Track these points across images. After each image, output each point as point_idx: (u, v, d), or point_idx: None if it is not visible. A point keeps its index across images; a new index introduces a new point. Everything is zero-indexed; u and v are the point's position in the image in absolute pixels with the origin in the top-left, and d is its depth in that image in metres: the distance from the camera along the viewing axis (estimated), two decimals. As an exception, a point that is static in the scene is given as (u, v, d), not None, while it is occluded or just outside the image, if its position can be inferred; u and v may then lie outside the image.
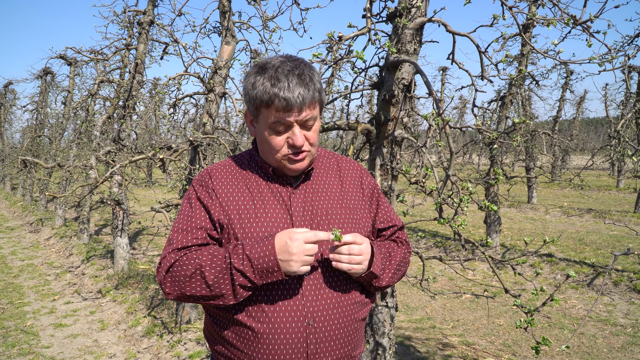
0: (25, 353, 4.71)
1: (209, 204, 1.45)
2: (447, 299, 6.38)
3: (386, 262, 1.52)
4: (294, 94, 1.33)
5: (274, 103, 1.34)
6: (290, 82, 1.34)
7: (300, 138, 1.39)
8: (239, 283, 1.33)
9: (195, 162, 4.63)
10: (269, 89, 1.34)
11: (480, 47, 2.40)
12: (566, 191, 18.07)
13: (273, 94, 1.33)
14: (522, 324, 2.11)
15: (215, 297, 1.35)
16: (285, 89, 1.33)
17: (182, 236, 1.43)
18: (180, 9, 5.41)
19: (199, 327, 4.95)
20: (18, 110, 20.42)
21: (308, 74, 1.38)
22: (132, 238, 10.24)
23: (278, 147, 1.41)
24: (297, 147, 1.39)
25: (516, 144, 4.15)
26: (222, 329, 1.44)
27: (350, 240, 1.38)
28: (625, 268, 6.84)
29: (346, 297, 1.44)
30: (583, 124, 33.75)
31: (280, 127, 1.38)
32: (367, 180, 1.63)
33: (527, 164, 13.73)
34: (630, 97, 11.37)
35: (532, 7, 6.05)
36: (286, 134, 1.40)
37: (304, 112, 1.37)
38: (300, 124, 1.39)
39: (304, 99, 1.34)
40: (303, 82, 1.35)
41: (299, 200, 1.47)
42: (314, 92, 1.38)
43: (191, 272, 1.35)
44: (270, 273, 1.32)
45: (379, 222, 1.62)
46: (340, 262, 1.38)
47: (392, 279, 1.53)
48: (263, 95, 1.35)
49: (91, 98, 9.77)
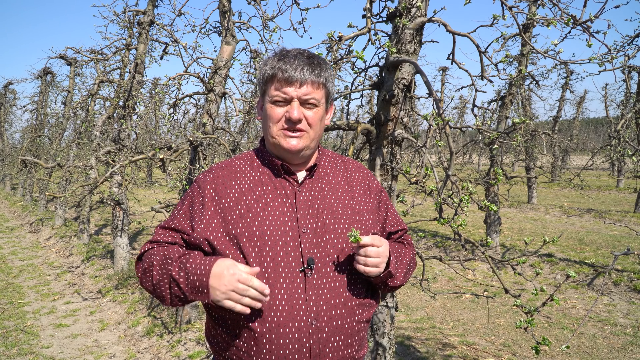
0: (25, 353, 4.71)
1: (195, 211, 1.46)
2: (447, 299, 6.38)
3: (399, 262, 1.53)
4: (296, 67, 1.40)
5: (276, 75, 1.41)
6: (297, 60, 1.41)
7: (297, 112, 1.41)
8: (174, 292, 1.35)
9: (195, 162, 4.63)
10: (275, 63, 1.43)
11: (480, 47, 2.40)
12: (566, 191, 18.07)
13: (277, 67, 1.41)
14: (522, 324, 2.11)
15: (158, 297, 1.39)
16: (290, 63, 1.41)
17: (162, 232, 1.49)
18: (180, 9, 5.41)
19: (199, 327, 4.95)
20: (18, 110, 20.42)
21: (318, 60, 1.45)
22: (132, 238, 10.24)
23: (276, 119, 1.43)
24: (293, 120, 1.41)
25: (516, 144, 4.15)
26: (223, 329, 1.43)
27: (369, 243, 1.37)
28: (625, 268, 6.84)
29: (350, 297, 1.43)
30: (583, 124, 33.74)
31: (280, 100, 1.42)
32: (374, 183, 1.64)
33: (527, 164, 13.73)
34: (630, 97, 11.37)
35: (532, 7, 6.05)
36: (285, 108, 1.43)
37: (304, 88, 1.41)
38: (301, 102, 1.42)
39: (305, 75, 1.40)
40: (309, 62, 1.42)
41: (305, 198, 1.46)
42: (319, 76, 1.43)
43: (145, 267, 1.42)
44: (200, 293, 1.31)
45: (390, 226, 1.63)
46: (358, 264, 1.39)
47: (404, 279, 1.55)
48: (270, 70, 1.43)
49: (91, 98, 9.77)
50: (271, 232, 1.39)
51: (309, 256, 1.39)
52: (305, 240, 1.40)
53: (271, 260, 1.37)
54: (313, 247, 1.40)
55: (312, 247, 1.40)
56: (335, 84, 5.50)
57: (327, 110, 1.53)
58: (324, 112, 1.49)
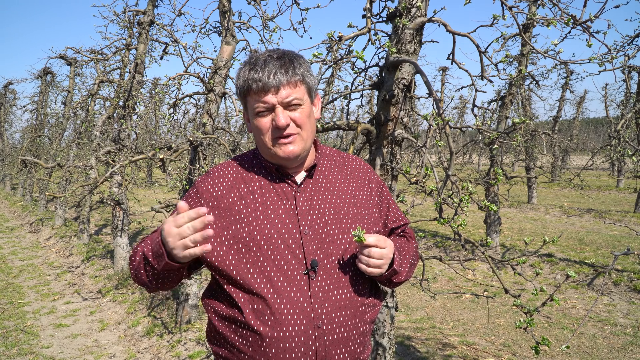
0: (25, 353, 4.71)
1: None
2: (447, 299, 6.38)
3: (402, 257, 1.52)
4: (269, 74, 1.35)
5: (251, 87, 1.37)
6: (266, 65, 1.36)
7: (283, 118, 1.37)
8: (147, 270, 1.36)
9: (195, 162, 4.63)
10: (247, 75, 1.38)
11: (480, 47, 2.40)
12: (566, 191, 18.07)
13: (250, 79, 1.36)
14: (522, 324, 2.11)
15: (141, 283, 1.41)
16: (260, 70, 1.35)
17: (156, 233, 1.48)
18: (180, 9, 5.41)
19: (199, 327, 4.95)
20: (18, 110, 20.43)
21: (289, 57, 1.40)
22: (132, 238, 10.23)
23: (265, 130, 1.40)
24: (280, 127, 1.37)
25: (516, 144, 4.15)
26: (226, 332, 1.40)
27: (373, 243, 1.36)
28: (625, 268, 6.84)
29: (355, 298, 1.41)
30: (583, 124, 33.74)
31: (263, 110, 1.38)
32: (375, 179, 1.61)
33: (527, 164, 13.73)
34: (630, 97, 11.37)
35: (532, 7, 6.05)
36: (270, 116, 1.39)
37: (282, 91, 1.36)
38: (284, 106, 1.38)
39: (279, 78, 1.35)
40: (281, 64, 1.37)
41: (305, 199, 1.44)
42: (294, 74, 1.38)
43: (131, 256, 1.44)
44: (160, 255, 1.30)
45: (392, 222, 1.61)
46: (360, 264, 1.38)
47: (409, 274, 1.54)
48: (244, 83, 1.39)
49: (91, 98, 9.77)
50: (272, 235, 1.37)
51: (312, 258, 1.37)
52: (307, 242, 1.39)
53: (274, 264, 1.36)
54: (316, 248, 1.39)
55: (314, 249, 1.39)
56: (335, 83, 5.45)
57: (313, 103, 1.49)
58: (310, 108, 1.45)
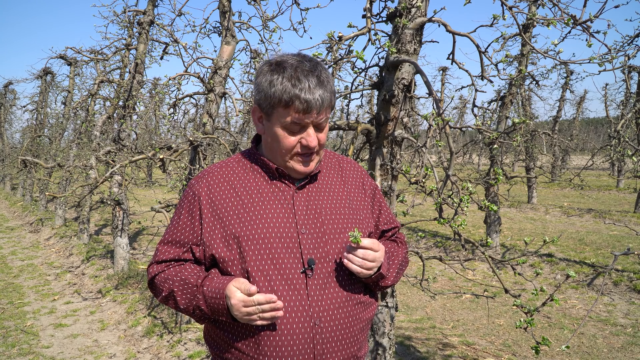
0: (25, 353, 4.71)
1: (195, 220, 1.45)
2: (447, 299, 6.38)
3: (391, 262, 1.53)
4: (315, 96, 1.33)
5: (294, 104, 1.33)
6: (310, 83, 1.33)
7: (314, 139, 1.38)
8: (196, 313, 1.40)
9: (195, 162, 4.63)
10: (289, 89, 1.32)
11: (480, 47, 2.40)
12: (566, 191, 18.07)
13: (294, 95, 1.32)
14: (522, 324, 2.11)
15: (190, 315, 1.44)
16: (306, 90, 1.32)
17: (165, 248, 1.48)
18: (180, 9, 5.41)
19: (199, 327, 4.95)
20: (18, 110, 20.39)
21: (325, 76, 1.38)
22: (132, 238, 10.24)
23: (290, 147, 1.39)
24: (311, 148, 1.39)
25: (516, 144, 4.15)
26: (224, 331, 1.42)
27: (368, 246, 1.38)
28: (625, 268, 6.84)
29: (352, 296, 1.44)
30: (583, 124, 33.71)
31: (296, 128, 1.37)
32: (368, 181, 1.64)
33: (527, 164, 13.74)
34: (630, 97, 11.37)
35: (532, 7, 6.05)
36: (300, 135, 1.38)
37: (321, 115, 1.37)
38: (315, 125, 1.39)
39: (323, 101, 1.34)
40: (322, 84, 1.35)
41: (303, 199, 1.45)
42: (331, 94, 1.38)
43: (166, 294, 1.43)
44: (221, 314, 1.36)
45: (383, 224, 1.63)
46: (351, 264, 1.38)
47: (396, 279, 1.56)
48: (283, 95, 1.33)
49: (91, 98, 9.77)
50: (270, 234, 1.38)
51: (309, 257, 1.39)
52: (304, 241, 1.40)
53: (272, 263, 1.37)
54: (313, 247, 1.40)
55: (312, 248, 1.40)
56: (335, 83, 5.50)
57: None
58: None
